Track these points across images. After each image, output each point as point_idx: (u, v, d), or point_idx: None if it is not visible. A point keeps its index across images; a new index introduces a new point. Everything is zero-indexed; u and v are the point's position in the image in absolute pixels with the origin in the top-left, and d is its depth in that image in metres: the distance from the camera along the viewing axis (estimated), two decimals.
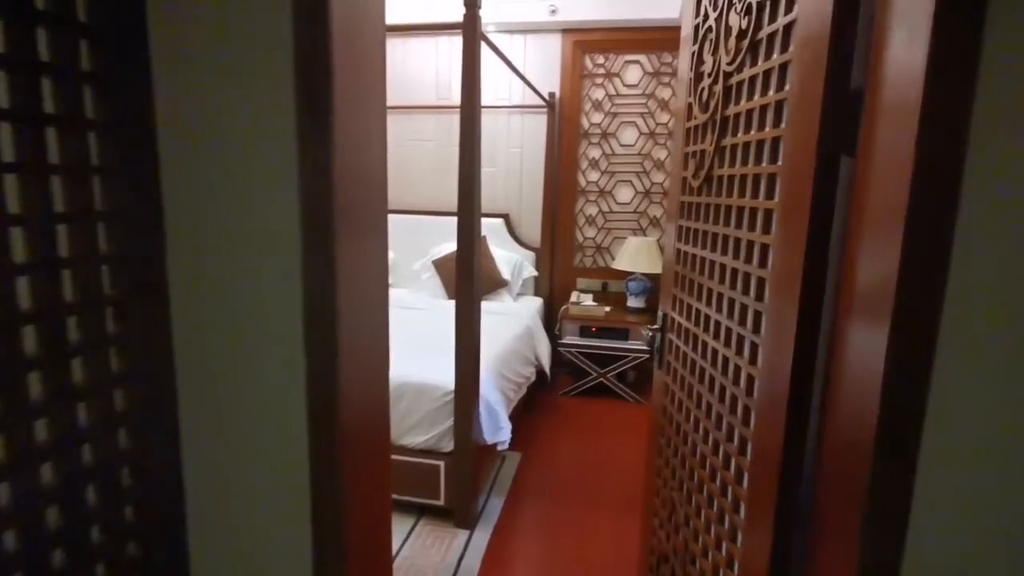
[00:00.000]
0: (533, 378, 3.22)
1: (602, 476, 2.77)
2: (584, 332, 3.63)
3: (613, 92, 3.84)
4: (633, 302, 3.79)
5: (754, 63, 0.98)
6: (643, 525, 1.65)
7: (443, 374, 2.20)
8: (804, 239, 0.77)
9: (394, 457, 2.16)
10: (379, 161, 1.01)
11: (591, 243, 4.03)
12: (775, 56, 0.90)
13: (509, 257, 3.86)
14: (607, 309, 3.70)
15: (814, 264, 0.78)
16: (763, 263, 0.93)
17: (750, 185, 0.98)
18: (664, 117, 3.79)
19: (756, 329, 0.94)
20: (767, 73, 0.93)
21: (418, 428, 2.23)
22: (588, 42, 3.81)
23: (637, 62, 3.79)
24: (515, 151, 4.01)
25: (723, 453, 1.05)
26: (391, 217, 3.98)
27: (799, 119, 0.81)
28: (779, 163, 0.88)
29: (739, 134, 1.03)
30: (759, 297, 0.93)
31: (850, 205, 0.73)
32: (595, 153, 3.92)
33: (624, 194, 3.94)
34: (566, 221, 4.02)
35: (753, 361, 0.94)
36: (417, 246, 4.04)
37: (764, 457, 0.88)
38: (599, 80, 3.85)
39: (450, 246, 3.90)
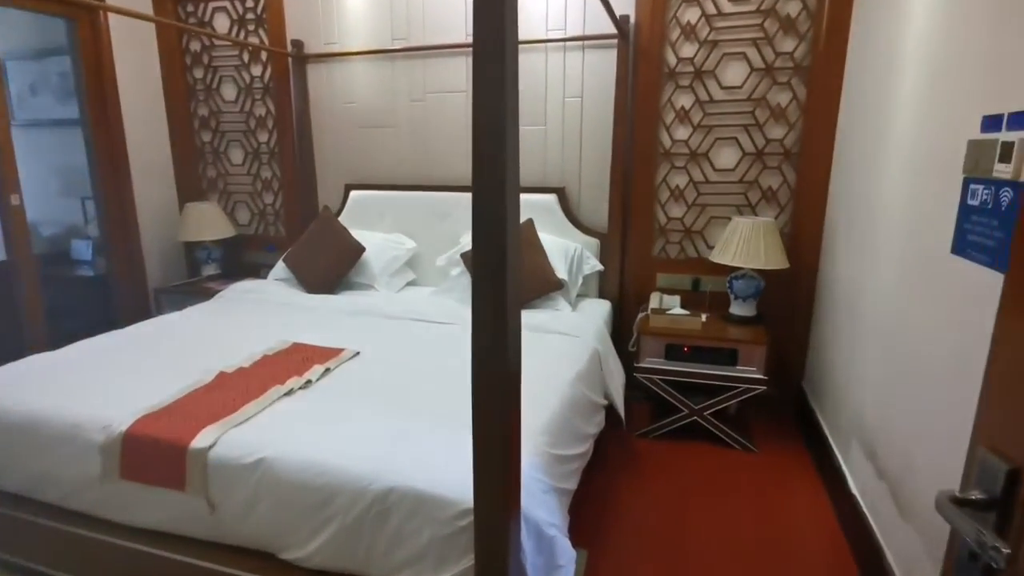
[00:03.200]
0: (602, 426, 2.25)
1: None
2: (672, 352, 2.60)
3: (713, 11, 2.71)
4: (739, 308, 2.72)
5: None
6: None
7: (460, 473, 1.26)
8: None
9: None
10: None
11: (678, 225, 2.97)
12: None
13: (564, 247, 2.85)
14: (703, 319, 2.66)
15: None
16: None
17: None
18: (789, 43, 2.64)
19: None
20: None
21: (419, 566, 1.31)
22: None
23: None
24: (573, 101, 2.96)
25: None
26: (409, 196, 2.98)
27: None
28: None
29: None
30: None
31: None
32: (685, 100, 2.82)
33: (726, 157, 2.84)
34: (644, 196, 2.96)
35: None
36: (446, 233, 3.08)
37: None
38: None
39: None
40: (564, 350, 2.18)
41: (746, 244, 2.55)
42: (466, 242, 2.94)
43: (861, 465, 1.95)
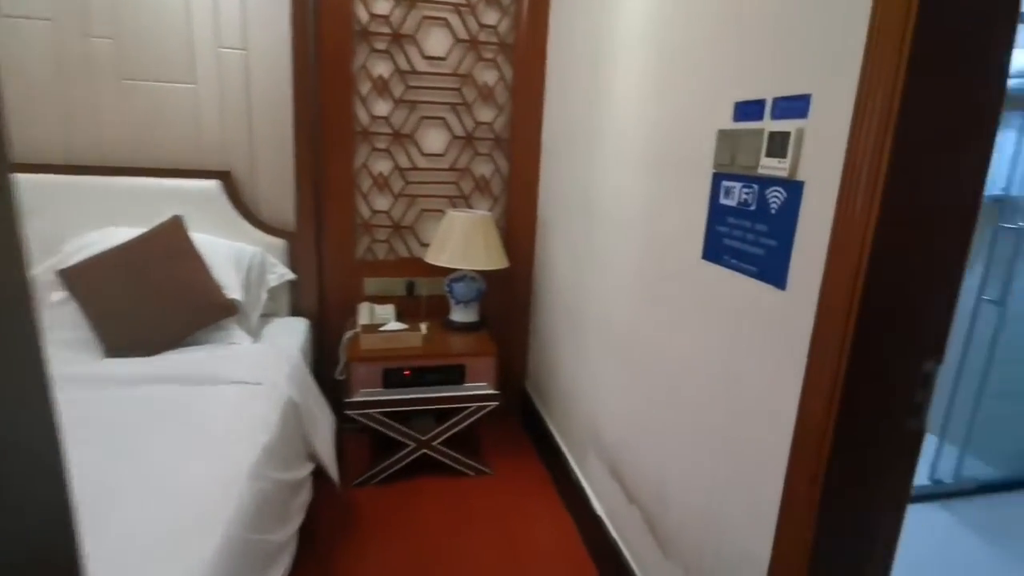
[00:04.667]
0: (309, 499, 1.64)
1: None
2: (391, 378, 2.12)
3: None
4: (461, 314, 2.39)
5: None
6: None
7: None
8: None
9: None
10: None
11: (385, 220, 2.48)
12: None
13: (237, 252, 2.10)
14: (424, 330, 2.24)
15: None
16: None
17: None
18: (492, 16, 2.37)
19: None
20: None
21: None
22: None
23: None
24: (232, 55, 2.18)
25: None
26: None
27: None
28: None
29: None
30: None
31: None
32: (383, 68, 2.33)
33: (434, 140, 2.45)
34: (340, 184, 2.38)
35: None
36: (50, 234, 1.98)
37: None
38: None
39: (116, 233, 2.00)
40: (242, 412, 1.49)
41: (464, 241, 2.21)
42: (76, 249, 1.92)
43: (604, 484, 1.79)
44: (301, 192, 2.29)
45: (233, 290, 1.96)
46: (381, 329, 2.17)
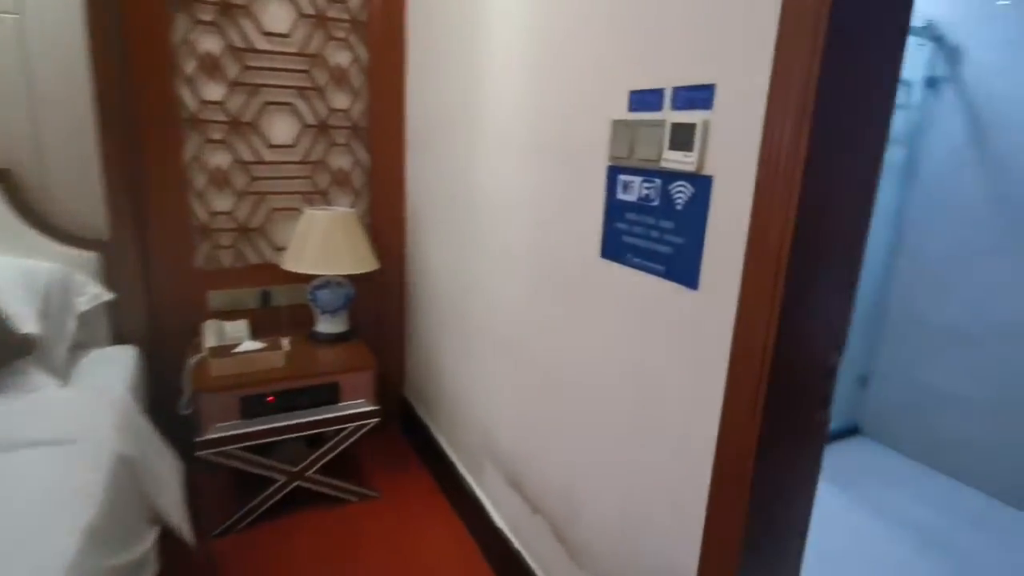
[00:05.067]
0: (155, 571, 1.34)
1: None
2: (251, 406, 1.83)
3: None
4: (327, 324, 2.14)
5: None
6: None
7: None
8: None
9: None
10: None
11: (228, 222, 2.13)
12: None
13: (28, 272, 1.67)
14: (286, 347, 1.96)
15: None
16: None
17: None
18: None
19: None
20: None
21: None
22: None
23: None
24: (3, 19, 1.70)
25: None
26: None
27: None
28: None
29: None
30: None
31: None
32: (212, 44, 1.97)
33: (282, 130, 2.14)
34: (168, 181, 1.99)
35: None
36: None
37: None
38: None
39: None
40: (51, 485, 1.15)
41: (325, 243, 1.96)
42: None
43: (504, 494, 1.70)
44: (112, 191, 1.88)
45: (26, 321, 1.54)
46: (234, 351, 1.86)
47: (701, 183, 0.92)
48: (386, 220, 2.36)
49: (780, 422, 0.88)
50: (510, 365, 1.61)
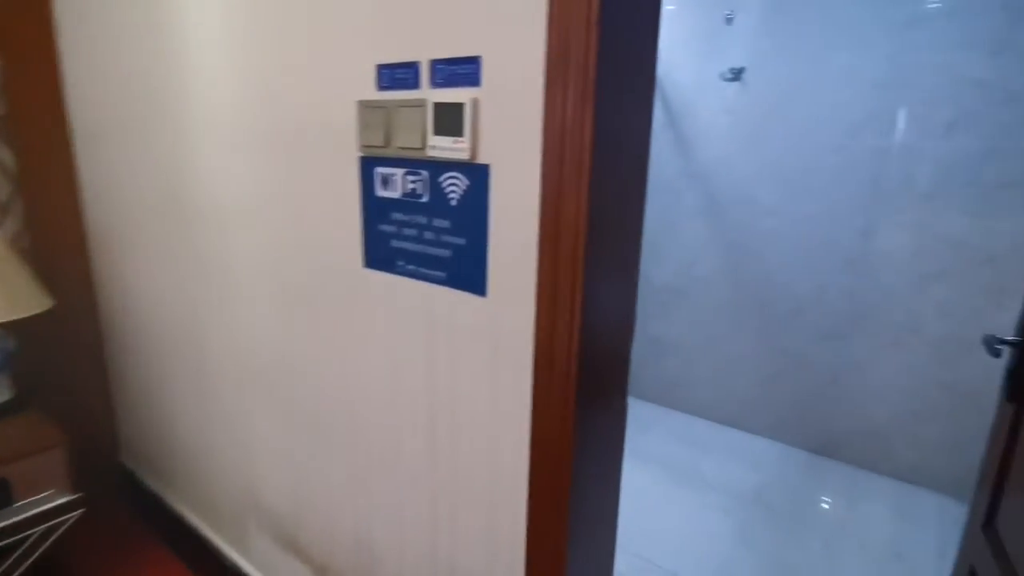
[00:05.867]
0: None
1: None
2: None
3: None
4: None
5: None
6: None
7: None
8: None
9: None
10: None
11: None
12: None
13: None
14: None
15: None
16: None
17: None
18: None
19: None
20: None
21: None
22: None
23: None
24: None
25: None
26: None
27: None
28: None
29: None
30: None
31: None
32: None
33: None
34: None
35: None
36: None
37: None
38: None
39: None
40: None
41: None
42: None
43: (278, 560, 1.40)
44: None
45: None
46: None
47: (477, 173, 0.80)
48: (55, 241, 1.76)
49: (591, 423, 0.82)
50: (267, 403, 1.31)
